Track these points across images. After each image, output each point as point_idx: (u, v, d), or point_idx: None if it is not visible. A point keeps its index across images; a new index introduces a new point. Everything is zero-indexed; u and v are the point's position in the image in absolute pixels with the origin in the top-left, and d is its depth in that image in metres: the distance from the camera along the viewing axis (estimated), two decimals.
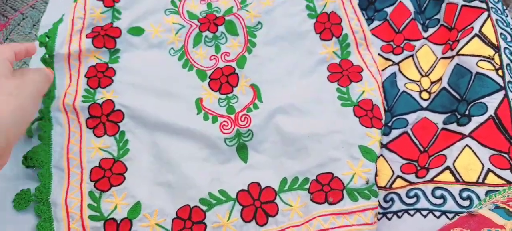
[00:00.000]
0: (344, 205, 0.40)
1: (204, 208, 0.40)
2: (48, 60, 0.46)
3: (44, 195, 0.40)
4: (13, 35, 0.52)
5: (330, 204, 0.40)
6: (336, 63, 0.49)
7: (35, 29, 0.53)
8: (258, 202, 0.41)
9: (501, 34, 0.45)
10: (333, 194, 0.40)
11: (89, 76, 0.46)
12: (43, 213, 0.39)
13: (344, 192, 0.40)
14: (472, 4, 0.47)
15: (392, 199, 0.41)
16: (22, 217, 0.40)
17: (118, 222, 0.39)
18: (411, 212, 0.40)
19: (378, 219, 0.41)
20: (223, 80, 0.48)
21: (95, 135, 0.44)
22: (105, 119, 0.44)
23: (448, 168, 0.40)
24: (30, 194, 0.40)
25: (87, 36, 0.48)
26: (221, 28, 0.51)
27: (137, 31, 0.50)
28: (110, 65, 0.48)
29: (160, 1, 0.52)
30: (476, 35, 0.45)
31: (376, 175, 0.41)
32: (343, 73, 0.48)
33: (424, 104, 0.46)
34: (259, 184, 0.42)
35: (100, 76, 0.47)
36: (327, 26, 0.50)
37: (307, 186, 0.42)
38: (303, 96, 0.46)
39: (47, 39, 0.46)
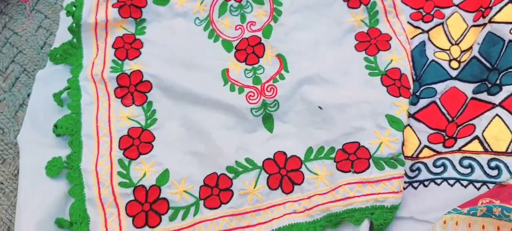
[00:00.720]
0: (371, 174, 0.40)
1: (231, 175, 0.41)
2: (75, 30, 0.46)
3: (75, 162, 0.41)
4: (39, 5, 0.53)
5: (354, 172, 0.40)
6: (364, 32, 0.48)
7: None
8: (284, 170, 0.41)
9: None
10: (359, 162, 0.40)
11: (116, 47, 0.47)
12: (74, 179, 0.41)
13: (371, 160, 0.41)
14: None
15: (418, 169, 0.41)
16: (55, 184, 0.41)
17: (147, 188, 0.40)
18: (438, 181, 0.40)
19: (404, 188, 0.41)
20: (249, 51, 0.47)
21: (123, 104, 0.44)
22: (133, 88, 0.45)
23: (477, 137, 0.40)
24: (62, 161, 0.41)
25: (113, 6, 0.48)
26: None
27: (162, 0, 0.49)
28: (137, 37, 0.48)
29: None
30: (510, 1, 0.43)
31: (403, 144, 0.41)
32: (371, 42, 0.47)
33: (454, 73, 0.45)
34: (284, 153, 0.42)
35: (128, 48, 0.47)
36: None
37: (333, 155, 0.42)
38: (330, 66, 0.46)
39: (74, 8, 0.46)
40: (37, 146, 0.43)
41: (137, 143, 0.43)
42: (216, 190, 0.41)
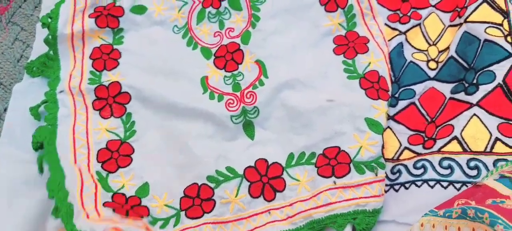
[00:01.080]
0: (351, 178, 0.40)
1: (212, 185, 0.41)
2: (51, 42, 0.46)
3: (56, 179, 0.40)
4: (15, 17, 0.52)
5: (336, 177, 0.40)
6: (342, 35, 0.48)
7: (37, 11, 0.53)
8: (265, 178, 0.41)
9: None
10: (340, 167, 0.41)
11: (94, 58, 0.46)
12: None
13: (351, 165, 0.41)
14: None
15: (399, 171, 0.42)
16: (32, 199, 0.40)
17: (127, 196, 0.40)
18: (419, 183, 0.40)
19: (386, 191, 0.41)
20: (228, 57, 0.47)
21: (101, 116, 0.44)
22: (111, 100, 0.44)
23: (455, 137, 0.40)
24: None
25: (90, 16, 0.47)
26: (224, 3, 0.50)
27: (139, 9, 0.49)
28: (115, 46, 0.47)
29: None
30: (484, 1, 0.44)
31: (383, 147, 0.41)
32: (349, 45, 0.47)
33: (432, 74, 0.45)
34: (266, 160, 0.42)
35: (105, 58, 0.47)
36: None
37: (313, 160, 0.42)
38: (309, 70, 0.46)
39: (49, 20, 0.46)
40: (14, 160, 0.42)
41: (116, 155, 0.42)
42: (197, 200, 0.41)
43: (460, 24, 0.45)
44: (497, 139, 0.39)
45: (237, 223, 0.40)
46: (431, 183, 0.40)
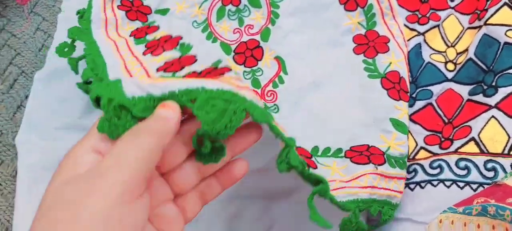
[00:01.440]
0: (387, 169, 0.39)
1: None
2: (84, 28, 0.44)
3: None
4: (37, 8, 0.53)
5: (374, 164, 0.39)
6: (362, 34, 0.48)
7: (58, 2, 0.53)
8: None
9: None
10: (375, 157, 0.40)
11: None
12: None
13: (385, 156, 0.40)
14: None
15: (415, 170, 0.42)
16: None
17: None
18: (435, 183, 0.40)
19: None
20: (248, 54, 0.48)
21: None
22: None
23: (473, 139, 0.40)
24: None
25: (119, 8, 0.47)
26: (244, 1, 0.50)
27: (163, 11, 0.49)
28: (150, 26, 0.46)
29: None
30: (505, 3, 0.43)
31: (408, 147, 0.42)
32: (369, 44, 0.47)
33: (450, 75, 0.45)
34: None
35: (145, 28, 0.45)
36: None
37: (341, 154, 0.41)
38: (329, 69, 0.46)
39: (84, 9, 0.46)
40: (34, 147, 0.43)
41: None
42: None
43: (480, 27, 0.45)
44: None
45: None
46: (447, 183, 0.40)
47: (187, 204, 0.27)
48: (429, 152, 0.42)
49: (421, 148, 0.43)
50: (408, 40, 0.47)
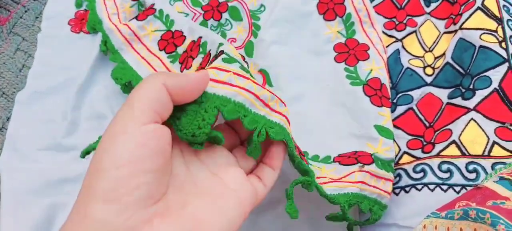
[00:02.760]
0: (375, 168, 0.39)
1: None
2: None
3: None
4: (16, 28, 0.52)
5: (361, 164, 0.39)
6: (342, 43, 0.49)
7: (38, 21, 0.53)
8: None
9: (503, 6, 0.45)
10: (363, 158, 0.40)
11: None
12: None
13: (372, 157, 0.40)
14: None
15: (399, 175, 0.42)
16: (37, 207, 0.41)
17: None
18: (419, 186, 0.41)
19: None
20: None
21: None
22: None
23: (454, 142, 0.41)
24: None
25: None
26: (225, 15, 0.50)
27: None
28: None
29: None
30: (478, 8, 0.45)
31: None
32: (350, 52, 0.48)
33: (428, 80, 0.46)
34: None
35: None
36: (330, 6, 0.50)
37: (330, 160, 0.41)
38: (312, 78, 0.46)
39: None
40: (17, 170, 0.42)
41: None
42: None
43: (455, 31, 0.46)
44: (494, 143, 0.40)
45: None
46: (431, 186, 0.40)
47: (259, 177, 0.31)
48: (412, 156, 0.43)
49: (404, 152, 0.44)
50: (387, 46, 0.48)
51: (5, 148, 0.44)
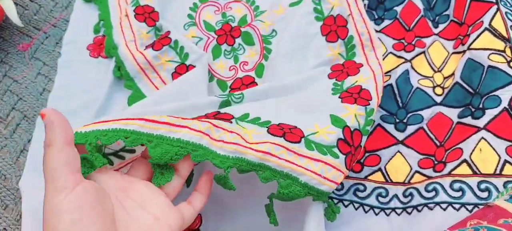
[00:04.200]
0: (300, 147, 0.37)
1: None
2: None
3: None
4: (38, 53, 0.55)
5: (285, 140, 0.37)
6: (340, 64, 0.49)
7: (58, 47, 0.55)
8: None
9: (511, 26, 0.45)
10: (290, 136, 0.37)
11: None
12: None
13: (303, 139, 0.38)
14: None
15: (411, 194, 0.42)
16: None
17: None
18: (431, 205, 0.41)
19: (399, 214, 0.42)
20: (243, 89, 0.49)
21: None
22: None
23: (465, 160, 0.41)
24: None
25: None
26: (238, 40, 0.52)
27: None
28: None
29: (179, 16, 0.54)
30: (486, 28, 0.46)
31: (339, 140, 0.39)
32: (343, 70, 0.48)
33: (438, 99, 0.47)
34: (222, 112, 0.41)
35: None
36: (333, 28, 0.51)
37: (266, 126, 0.39)
38: (298, 87, 0.46)
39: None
40: (39, 190, 0.43)
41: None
42: None
43: (464, 52, 0.46)
44: (506, 161, 0.40)
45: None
46: (443, 206, 0.40)
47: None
48: (424, 175, 0.43)
49: (416, 171, 0.44)
50: (396, 67, 0.49)
51: (26, 169, 0.45)
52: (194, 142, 0.34)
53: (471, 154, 0.41)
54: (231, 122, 0.39)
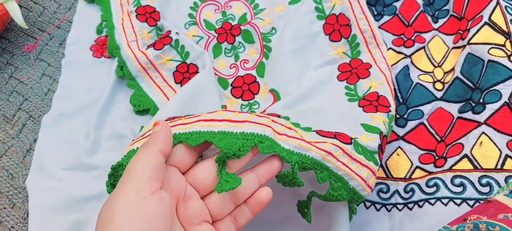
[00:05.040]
0: (352, 150, 0.36)
1: None
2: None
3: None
4: (42, 54, 0.55)
5: (339, 141, 0.36)
6: (346, 63, 0.49)
7: (62, 48, 0.56)
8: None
9: (510, 20, 0.45)
10: (341, 137, 0.37)
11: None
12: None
13: (353, 140, 0.37)
14: None
15: (412, 190, 0.43)
16: (65, 225, 0.43)
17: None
18: (432, 201, 0.41)
19: (400, 210, 0.42)
20: (245, 88, 0.50)
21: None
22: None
23: (466, 156, 0.41)
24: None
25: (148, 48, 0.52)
26: (238, 38, 0.53)
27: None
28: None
29: (179, 15, 0.55)
30: (486, 23, 0.45)
31: (380, 147, 0.39)
32: (352, 71, 0.48)
33: (439, 94, 0.47)
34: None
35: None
36: (336, 27, 0.51)
37: (310, 130, 0.38)
38: (313, 94, 0.46)
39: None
40: (44, 189, 0.45)
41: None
42: None
43: (464, 46, 0.46)
44: (507, 156, 0.40)
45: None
46: (445, 201, 0.40)
47: (223, 227, 0.32)
48: (425, 170, 0.43)
49: (417, 167, 0.44)
50: (396, 63, 0.49)
51: (32, 168, 0.46)
52: (259, 133, 0.32)
53: (472, 149, 0.41)
54: (279, 117, 0.38)
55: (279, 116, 0.39)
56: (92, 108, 0.50)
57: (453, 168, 0.41)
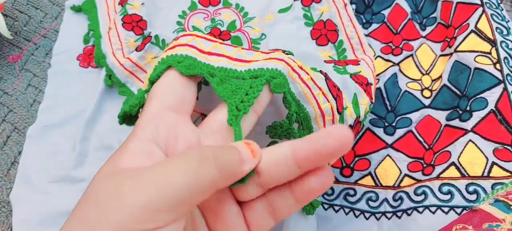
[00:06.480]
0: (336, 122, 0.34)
1: None
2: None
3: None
4: (28, 65, 0.55)
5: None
6: (333, 60, 0.49)
7: (48, 57, 0.55)
8: None
9: (496, 28, 0.45)
10: (340, 100, 0.35)
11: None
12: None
13: (343, 111, 0.36)
14: (467, 0, 0.48)
15: (401, 198, 0.43)
16: None
17: None
18: (420, 209, 0.41)
19: (389, 218, 0.42)
20: None
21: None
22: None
23: (453, 163, 0.41)
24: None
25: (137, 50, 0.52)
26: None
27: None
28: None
29: (168, 24, 0.54)
30: (472, 31, 0.46)
31: (351, 127, 0.38)
32: (340, 62, 0.46)
33: (426, 102, 0.47)
34: None
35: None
36: (323, 32, 0.51)
37: (317, 70, 0.37)
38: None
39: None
40: (30, 202, 0.44)
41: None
42: None
43: (451, 54, 0.47)
44: (493, 163, 0.40)
45: None
46: (433, 209, 0.40)
47: (254, 218, 0.23)
48: (413, 178, 0.43)
49: (405, 175, 0.44)
50: (384, 71, 0.49)
51: (17, 181, 0.45)
52: (271, 68, 0.27)
53: (459, 156, 0.41)
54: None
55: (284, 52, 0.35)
56: (79, 118, 0.49)
57: (441, 175, 0.41)
